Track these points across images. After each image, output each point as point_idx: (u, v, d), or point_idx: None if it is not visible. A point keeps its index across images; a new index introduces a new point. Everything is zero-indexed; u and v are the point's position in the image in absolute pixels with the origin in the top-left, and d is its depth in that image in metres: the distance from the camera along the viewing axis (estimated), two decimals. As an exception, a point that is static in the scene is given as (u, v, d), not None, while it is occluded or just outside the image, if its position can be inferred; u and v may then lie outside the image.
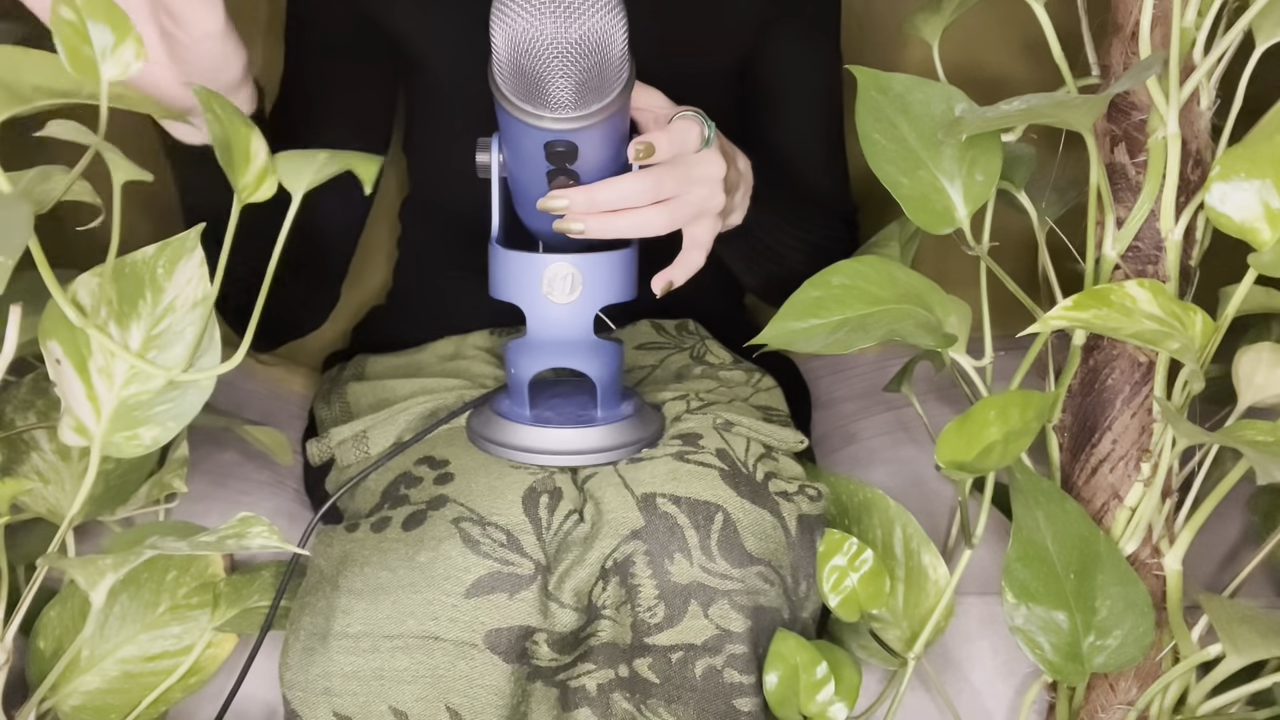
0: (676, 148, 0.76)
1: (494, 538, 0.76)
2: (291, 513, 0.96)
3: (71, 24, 0.63)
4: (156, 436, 0.70)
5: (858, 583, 0.82)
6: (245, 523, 0.65)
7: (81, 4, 0.63)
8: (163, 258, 0.71)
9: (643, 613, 0.76)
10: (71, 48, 0.64)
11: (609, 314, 0.81)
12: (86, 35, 0.64)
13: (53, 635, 0.82)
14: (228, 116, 0.67)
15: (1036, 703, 0.89)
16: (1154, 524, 0.85)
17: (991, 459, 0.76)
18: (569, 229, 0.75)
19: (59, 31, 0.63)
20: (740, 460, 0.81)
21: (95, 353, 0.69)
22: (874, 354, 1.21)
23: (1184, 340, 0.74)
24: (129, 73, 0.65)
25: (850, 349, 0.76)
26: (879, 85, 0.82)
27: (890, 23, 1.17)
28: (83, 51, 0.64)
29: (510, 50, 0.67)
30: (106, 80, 0.65)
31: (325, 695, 0.76)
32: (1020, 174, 0.87)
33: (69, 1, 0.63)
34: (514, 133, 0.73)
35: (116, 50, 0.64)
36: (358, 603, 0.76)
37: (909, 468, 1.00)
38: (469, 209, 0.90)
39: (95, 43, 0.64)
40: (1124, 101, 0.81)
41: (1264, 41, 0.77)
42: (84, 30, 0.64)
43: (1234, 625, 0.80)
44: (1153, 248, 0.82)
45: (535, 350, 0.80)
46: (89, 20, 0.64)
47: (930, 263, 1.05)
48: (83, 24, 0.64)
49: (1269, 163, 0.72)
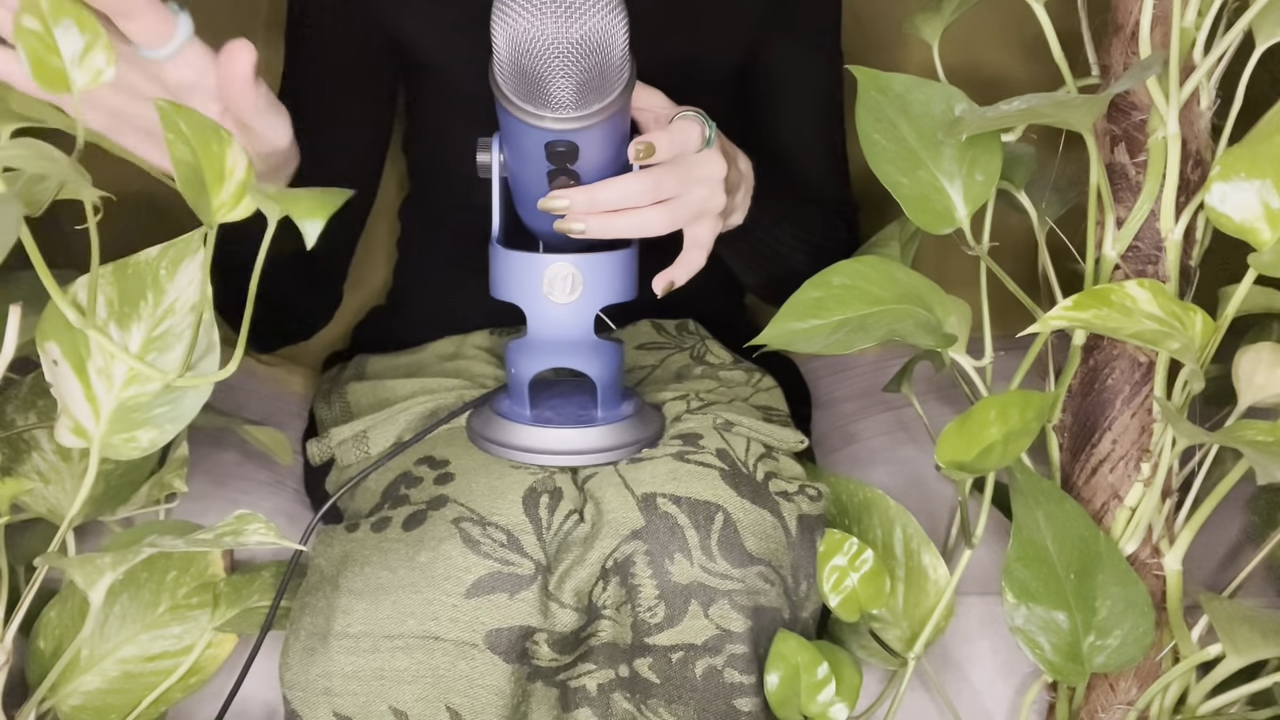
0: (677, 148, 0.76)
1: (494, 538, 0.76)
2: (291, 513, 0.96)
3: (36, 34, 0.57)
4: (154, 439, 0.70)
5: (858, 583, 0.82)
6: (242, 520, 0.65)
7: (47, 8, 0.57)
8: (165, 259, 0.70)
9: (643, 613, 0.76)
10: (37, 59, 0.58)
11: (609, 314, 0.81)
12: (54, 44, 0.58)
13: (53, 635, 0.82)
14: (197, 135, 0.61)
15: (1036, 703, 0.89)
16: (1154, 524, 0.85)
17: (991, 459, 0.76)
18: (569, 229, 0.75)
19: (23, 44, 0.57)
20: (740, 460, 0.81)
21: (94, 354, 0.69)
22: (874, 354, 1.21)
23: (1184, 340, 0.74)
24: (101, 80, 0.59)
25: (850, 349, 0.76)
26: (879, 85, 0.82)
27: (890, 23, 1.17)
28: (50, 62, 0.58)
29: (511, 50, 0.67)
30: (78, 90, 0.59)
31: (325, 695, 0.76)
32: (1020, 174, 0.87)
33: (33, 9, 0.57)
34: (515, 133, 0.73)
35: (87, 56, 0.59)
36: (358, 603, 0.76)
37: (909, 468, 1.00)
38: (469, 209, 0.90)
39: (64, 50, 0.58)
40: (1124, 101, 0.81)
41: (1264, 41, 0.77)
42: (50, 39, 0.58)
43: (1234, 625, 0.80)
44: (1153, 248, 0.82)
45: (535, 350, 0.80)
46: (55, 26, 0.58)
47: (930, 263, 1.05)
48: (49, 32, 0.58)
49: (1269, 163, 0.72)
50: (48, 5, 0.57)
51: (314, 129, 0.95)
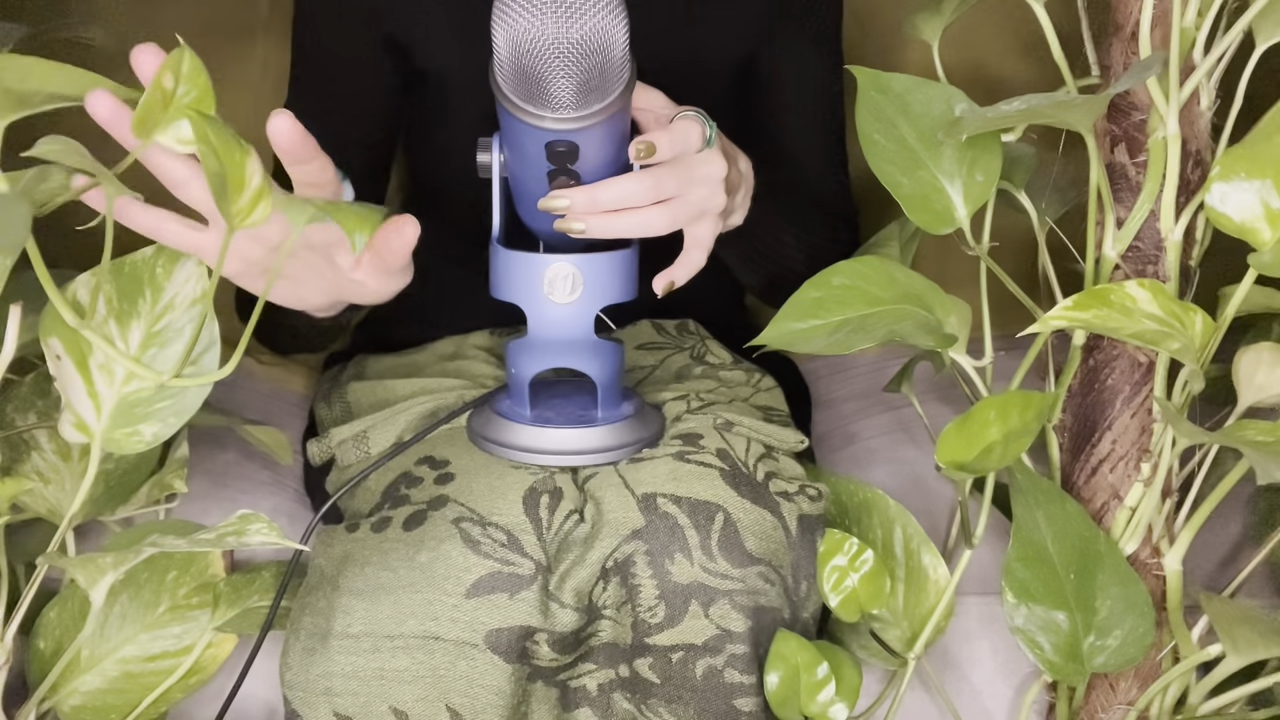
0: (678, 148, 0.76)
1: (494, 538, 0.76)
2: (291, 513, 0.96)
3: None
4: (157, 433, 0.70)
5: (858, 583, 0.82)
6: (244, 520, 0.65)
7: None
8: (162, 258, 0.71)
9: (643, 613, 0.76)
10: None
11: (609, 314, 0.81)
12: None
13: (53, 635, 0.82)
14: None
15: (1036, 703, 0.90)
16: (1154, 524, 0.85)
17: (991, 459, 0.76)
18: (570, 229, 0.75)
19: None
20: (741, 460, 0.81)
21: (95, 350, 0.69)
22: (874, 354, 1.21)
23: (1184, 340, 0.75)
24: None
25: (850, 349, 0.76)
26: (879, 85, 0.82)
27: (890, 23, 1.16)
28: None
29: (511, 50, 0.67)
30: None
31: (326, 695, 0.76)
32: (1020, 174, 0.87)
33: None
34: (515, 133, 0.73)
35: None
36: (358, 603, 0.76)
37: (909, 468, 1.00)
38: (470, 209, 0.90)
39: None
40: (1124, 101, 0.81)
41: (1264, 41, 0.77)
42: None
43: (1234, 625, 0.80)
44: (1153, 248, 0.82)
45: (536, 350, 0.80)
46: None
47: (930, 263, 1.05)
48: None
49: (1269, 163, 0.73)
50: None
51: (318, 124, 0.95)
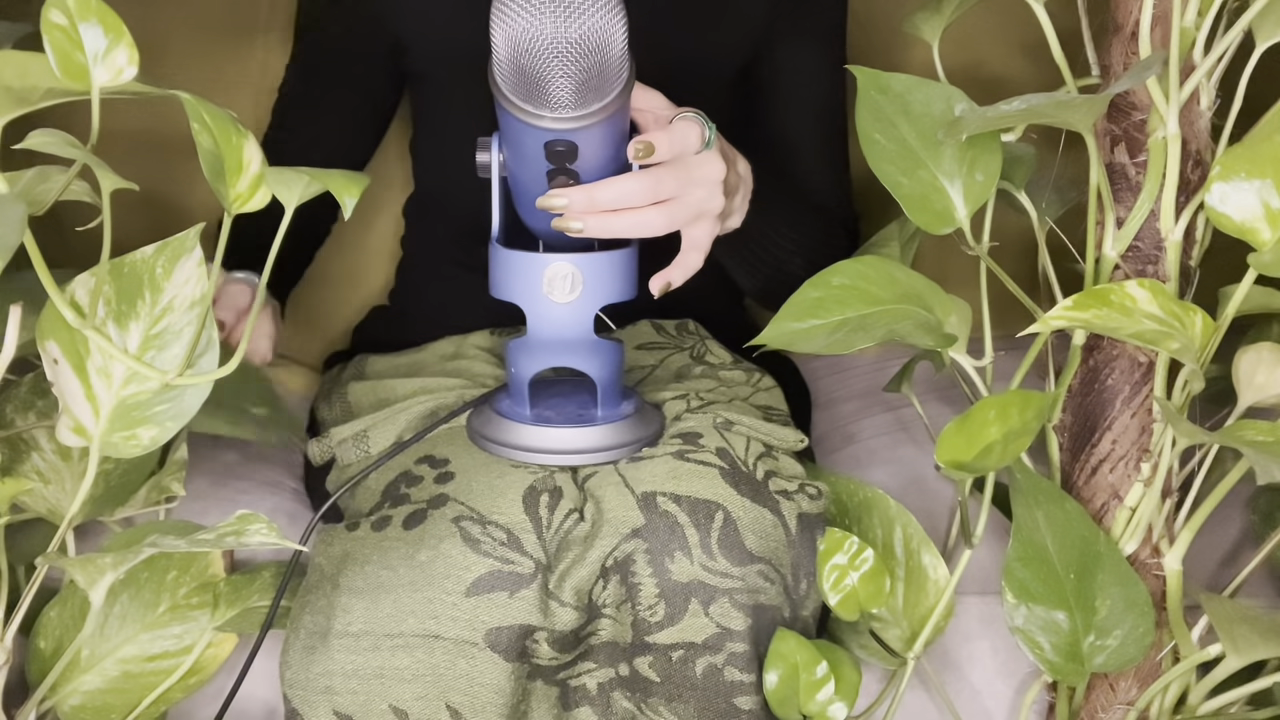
0: (677, 148, 0.76)
1: (494, 536, 0.76)
2: (291, 512, 0.96)
3: (62, 28, 0.61)
4: (155, 436, 0.70)
5: (858, 582, 0.82)
6: (244, 520, 0.65)
7: (74, 6, 0.61)
8: (162, 257, 0.71)
9: (643, 611, 0.76)
10: (62, 53, 0.61)
11: (609, 313, 0.81)
12: (79, 40, 0.62)
13: (53, 635, 0.82)
14: (219, 126, 0.65)
15: (1036, 703, 0.89)
16: (1154, 524, 0.85)
17: (991, 459, 0.76)
18: (568, 228, 0.75)
19: (49, 36, 0.61)
20: (740, 459, 0.81)
21: (93, 353, 0.69)
22: (874, 354, 1.21)
23: (1184, 340, 0.75)
24: (121, 78, 0.63)
25: (850, 349, 0.76)
26: (879, 85, 0.82)
27: (890, 23, 1.16)
28: (74, 57, 0.62)
29: (510, 50, 0.67)
30: (98, 86, 0.63)
31: (326, 694, 0.76)
32: (1020, 174, 0.87)
33: (60, 5, 0.61)
34: (514, 132, 0.73)
35: (108, 55, 0.62)
36: (358, 601, 0.76)
37: (909, 468, 1.00)
38: (470, 208, 0.90)
39: (87, 47, 0.62)
40: (1124, 101, 0.81)
41: (1264, 41, 0.77)
42: (76, 35, 0.62)
43: (1234, 625, 0.80)
44: (1153, 248, 0.82)
45: (535, 350, 0.80)
46: (81, 23, 0.61)
47: (930, 263, 1.05)
48: (74, 28, 0.61)
49: (1269, 163, 0.72)
50: (74, 4, 0.61)
51: (310, 112, 1.00)
